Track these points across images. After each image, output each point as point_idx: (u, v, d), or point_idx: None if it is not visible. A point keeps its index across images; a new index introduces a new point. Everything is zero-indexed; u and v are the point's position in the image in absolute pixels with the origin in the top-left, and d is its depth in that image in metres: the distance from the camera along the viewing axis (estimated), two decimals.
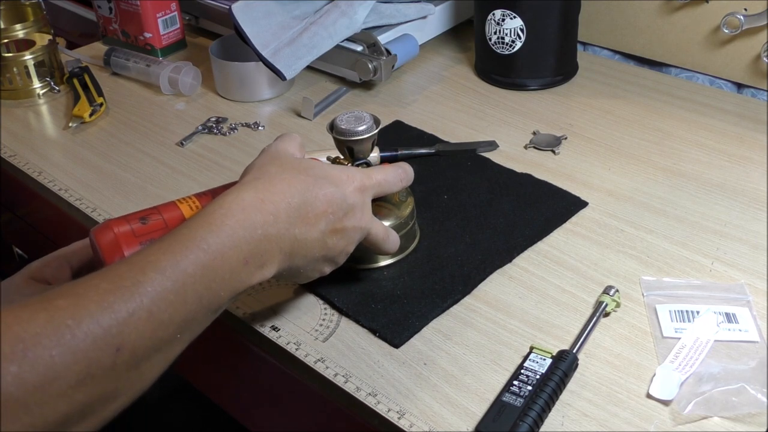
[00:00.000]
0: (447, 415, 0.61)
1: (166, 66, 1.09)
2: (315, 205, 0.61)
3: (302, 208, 0.60)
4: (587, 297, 0.71)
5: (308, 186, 0.61)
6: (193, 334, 0.56)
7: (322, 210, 0.61)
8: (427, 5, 1.12)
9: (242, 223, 0.56)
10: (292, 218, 0.59)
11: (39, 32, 1.12)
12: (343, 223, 0.63)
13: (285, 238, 0.59)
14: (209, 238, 0.55)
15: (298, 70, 1.00)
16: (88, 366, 0.47)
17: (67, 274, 0.67)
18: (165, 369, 0.55)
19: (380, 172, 0.67)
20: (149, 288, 0.51)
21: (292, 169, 0.62)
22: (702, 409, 0.59)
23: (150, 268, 0.52)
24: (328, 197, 0.61)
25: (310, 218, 0.60)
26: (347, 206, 0.63)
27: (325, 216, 0.61)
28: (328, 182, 0.62)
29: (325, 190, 0.61)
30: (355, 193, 0.64)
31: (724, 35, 1.00)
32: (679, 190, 0.84)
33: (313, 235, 0.61)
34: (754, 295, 0.70)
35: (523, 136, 0.95)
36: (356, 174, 0.65)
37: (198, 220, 0.56)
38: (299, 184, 0.60)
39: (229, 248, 0.55)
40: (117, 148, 0.98)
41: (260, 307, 0.72)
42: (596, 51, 1.14)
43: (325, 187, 0.61)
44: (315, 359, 0.66)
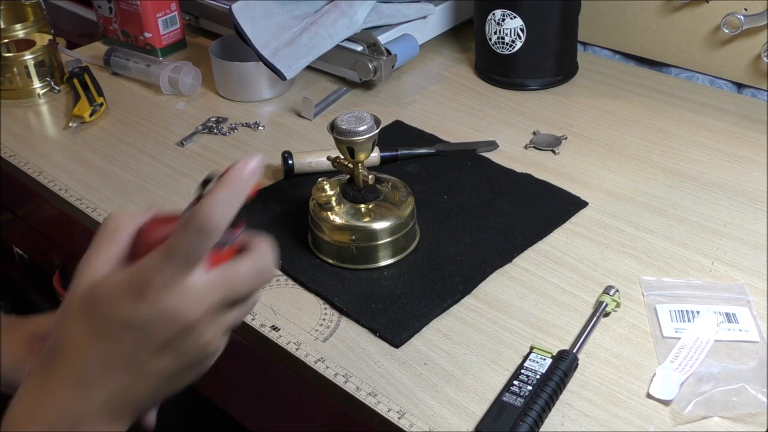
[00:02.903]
0: (447, 415, 0.61)
1: (166, 66, 1.09)
2: (107, 360, 0.50)
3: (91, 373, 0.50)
4: (587, 297, 0.71)
5: (89, 342, 0.50)
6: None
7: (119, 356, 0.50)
8: (427, 5, 1.12)
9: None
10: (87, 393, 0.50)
11: (39, 32, 1.12)
12: (158, 341, 0.50)
13: (94, 417, 0.50)
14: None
15: (298, 70, 1.00)
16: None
17: None
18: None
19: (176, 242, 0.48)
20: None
21: (74, 323, 0.51)
22: (702, 409, 0.59)
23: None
24: (117, 337, 0.49)
25: (108, 376, 0.50)
26: (147, 325, 0.49)
27: (128, 354, 0.50)
28: (113, 317, 0.49)
29: (109, 332, 0.50)
30: (156, 299, 0.49)
31: (724, 35, 1.00)
32: (679, 190, 0.84)
33: (125, 383, 0.51)
34: (754, 295, 0.70)
35: (523, 136, 0.95)
36: (149, 275, 0.49)
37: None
38: (78, 346, 0.50)
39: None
40: (117, 148, 0.98)
41: (260, 307, 0.72)
42: (596, 51, 1.14)
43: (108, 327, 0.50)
44: (315, 359, 0.66)
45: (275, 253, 0.52)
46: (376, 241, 0.74)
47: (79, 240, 0.86)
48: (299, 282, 0.74)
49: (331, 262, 0.75)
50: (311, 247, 0.77)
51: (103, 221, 0.53)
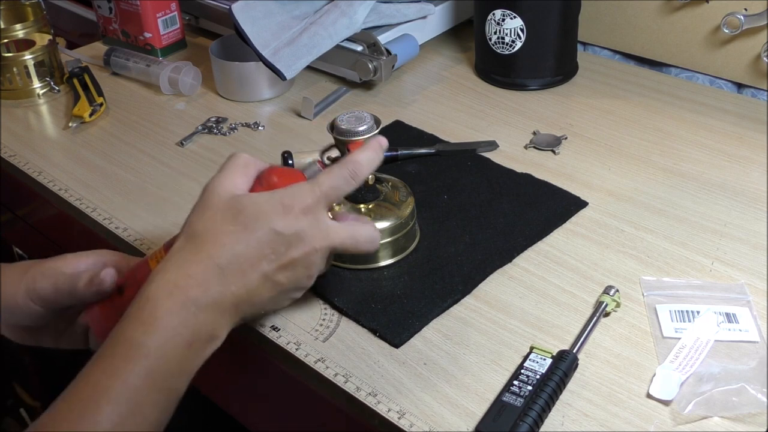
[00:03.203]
0: (447, 415, 0.61)
1: (166, 66, 1.09)
2: (248, 254, 0.58)
3: (233, 264, 0.57)
4: (587, 297, 0.71)
5: (237, 237, 0.58)
6: (163, 425, 0.56)
7: (258, 255, 0.58)
8: (427, 5, 1.12)
9: (173, 310, 0.55)
10: (224, 279, 0.57)
11: (39, 32, 1.12)
12: (289, 256, 0.59)
13: (223, 301, 0.57)
14: (147, 342, 0.54)
15: (298, 70, 1.00)
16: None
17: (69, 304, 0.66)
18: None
19: (325, 181, 0.61)
20: (107, 424, 0.51)
21: (221, 219, 0.58)
22: (702, 409, 0.59)
23: (103, 400, 0.52)
24: (263, 240, 0.58)
25: (246, 269, 0.58)
26: (289, 238, 0.58)
27: (265, 258, 0.58)
28: (261, 222, 0.58)
29: (258, 234, 0.58)
30: (298, 219, 0.59)
31: (724, 35, 1.00)
32: (679, 190, 0.84)
33: (254, 283, 0.58)
34: (754, 295, 0.70)
35: (523, 136, 0.95)
36: (296, 198, 0.59)
37: (131, 322, 0.55)
38: (226, 238, 0.58)
39: (168, 341, 0.55)
40: (117, 148, 0.98)
41: None
42: (596, 51, 1.14)
43: (257, 230, 0.58)
44: (315, 359, 0.66)
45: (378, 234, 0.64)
46: None
47: (79, 240, 0.86)
48: None
49: (332, 262, 0.75)
50: None
51: (234, 155, 0.63)
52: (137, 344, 0.54)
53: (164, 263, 0.58)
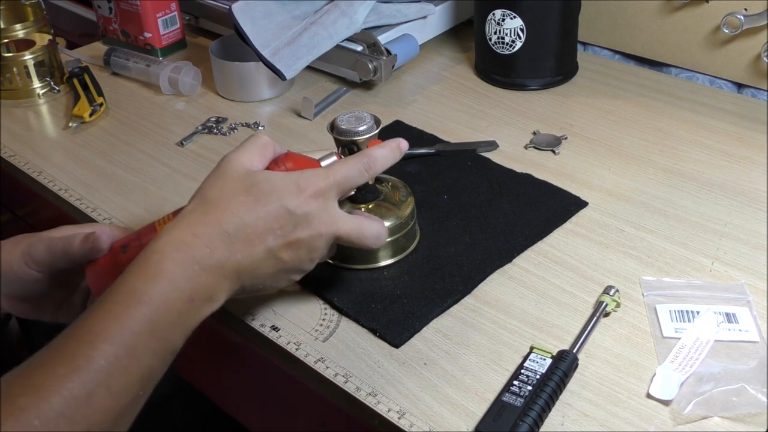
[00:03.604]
0: (447, 415, 0.61)
1: (166, 66, 1.09)
2: (256, 226, 0.59)
3: (241, 232, 0.59)
4: (587, 297, 0.71)
5: (248, 208, 0.59)
6: (155, 382, 0.56)
7: (266, 228, 0.59)
8: (427, 5, 1.12)
9: (178, 264, 0.56)
10: (230, 245, 0.58)
11: (39, 32, 1.12)
12: (295, 235, 0.61)
13: (227, 265, 0.58)
14: (149, 289, 0.55)
15: (298, 70, 1.00)
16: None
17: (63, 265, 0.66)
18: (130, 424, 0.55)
19: (340, 169, 0.63)
20: (102, 362, 0.51)
21: (233, 190, 0.60)
22: (702, 409, 0.59)
23: (99, 339, 0.52)
24: (272, 214, 0.60)
25: (252, 239, 0.59)
26: (297, 218, 0.60)
27: (271, 233, 0.60)
28: (273, 198, 0.60)
29: (268, 208, 0.60)
30: (309, 201, 0.61)
31: (724, 35, 1.00)
32: (679, 190, 0.84)
33: (258, 255, 0.60)
34: (754, 295, 0.70)
35: (523, 136, 0.95)
36: (310, 181, 0.61)
37: (135, 271, 0.56)
38: (237, 207, 0.59)
39: (171, 293, 0.55)
40: (117, 148, 0.98)
41: (260, 307, 0.72)
42: (596, 51, 1.14)
43: (268, 204, 0.60)
44: (315, 359, 0.66)
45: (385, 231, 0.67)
46: None
47: None
48: (299, 282, 0.74)
49: (332, 262, 0.75)
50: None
51: (255, 135, 0.64)
52: (139, 291, 0.55)
53: (174, 222, 0.59)
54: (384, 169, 0.67)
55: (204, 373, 0.82)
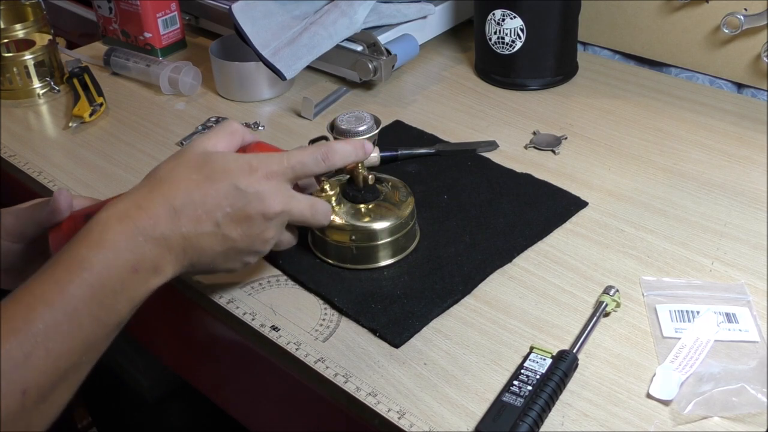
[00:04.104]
0: (447, 415, 0.61)
1: (166, 66, 1.09)
2: (205, 202, 0.60)
3: (188, 208, 0.60)
4: (587, 297, 0.71)
5: (197, 185, 0.60)
6: (99, 352, 0.56)
7: (215, 205, 0.60)
8: (427, 5, 1.12)
9: (120, 234, 0.57)
10: (175, 219, 0.59)
11: (39, 32, 1.12)
12: (245, 212, 0.61)
13: (172, 239, 0.59)
14: (91, 257, 0.55)
15: (298, 70, 1.00)
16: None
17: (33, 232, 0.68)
18: (75, 390, 0.55)
19: (296, 155, 0.65)
20: (40, 324, 0.52)
21: (185, 168, 0.61)
22: (702, 409, 0.59)
23: (38, 302, 0.53)
24: (222, 192, 0.61)
25: (200, 215, 0.60)
26: (248, 196, 0.61)
27: (220, 209, 0.61)
28: (224, 176, 0.61)
29: (218, 186, 0.61)
30: (261, 181, 0.62)
31: (724, 35, 1.00)
32: (679, 190, 0.84)
33: (205, 230, 0.60)
34: (754, 295, 0.70)
35: (523, 136, 0.95)
36: (263, 162, 0.63)
37: (79, 240, 0.57)
38: (186, 184, 0.60)
39: (113, 260, 0.56)
40: (117, 148, 0.98)
41: (260, 307, 0.72)
42: (596, 51, 1.14)
43: (219, 182, 0.61)
44: (315, 359, 0.66)
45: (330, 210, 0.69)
46: (376, 241, 0.74)
47: None
48: (299, 282, 0.74)
49: (332, 262, 0.75)
50: (311, 247, 0.77)
51: (226, 121, 0.67)
52: (81, 258, 0.55)
53: (120, 197, 0.61)
54: (343, 164, 0.68)
55: (204, 373, 0.82)
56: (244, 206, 0.61)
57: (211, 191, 0.60)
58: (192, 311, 0.75)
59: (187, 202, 0.60)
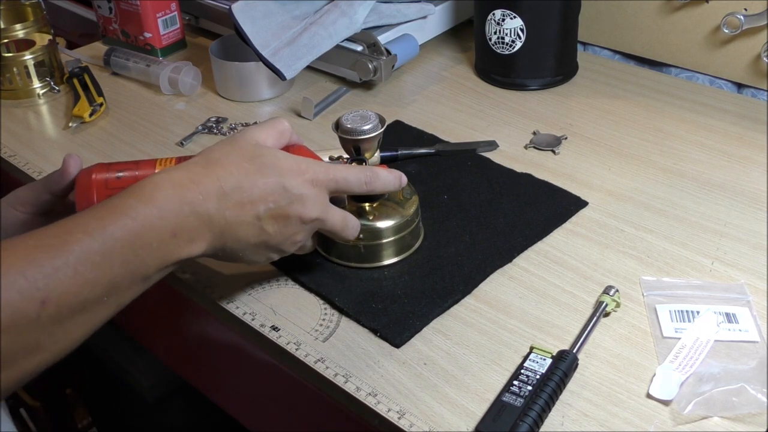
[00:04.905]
0: (447, 415, 0.61)
1: (166, 66, 1.09)
2: (252, 192, 0.62)
3: (236, 193, 0.61)
4: (587, 297, 0.71)
5: (247, 174, 0.62)
6: (120, 300, 0.57)
7: (260, 196, 0.62)
8: (427, 5, 1.12)
9: (170, 198, 0.59)
10: (223, 201, 0.61)
11: (39, 32, 1.12)
12: (286, 211, 0.63)
13: (215, 218, 0.60)
14: (138, 207, 0.57)
15: (298, 70, 1.00)
16: (12, 314, 0.50)
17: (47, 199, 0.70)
18: (90, 332, 0.56)
19: (342, 171, 0.67)
20: (75, 247, 0.53)
21: (239, 156, 0.63)
22: (702, 409, 0.59)
23: (78, 229, 0.55)
24: (270, 186, 0.62)
25: (245, 203, 0.61)
26: (292, 196, 0.63)
27: (264, 202, 0.62)
28: (274, 172, 0.63)
29: (267, 180, 0.62)
30: (305, 185, 0.64)
31: (724, 35, 1.00)
32: (679, 190, 0.84)
33: (246, 219, 0.62)
34: (754, 295, 0.70)
35: (523, 136, 0.95)
36: (311, 167, 0.65)
37: (130, 192, 0.59)
38: (237, 170, 0.62)
39: (156, 218, 0.57)
40: (117, 148, 0.98)
41: (260, 307, 0.72)
42: (596, 51, 1.14)
43: (268, 176, 0.62)
44: (315, 359, 0.66)
45: None
46: (383, 239, 0.74)
47: None
48: (299, 282, 0.74)
49: (341, 262, 0.75)
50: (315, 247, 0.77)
51: (277, 119, 0.68)
52: (128, 206, 0.57)
53: (176, 166, 0.62)
54: (382, 191, 0.71)
55: (204, 373, 0.82)
56: (286, 205, 0.63)
57: (259, 183, 0.62)
58: (192, 311, 0.75)
59: (236, 187, 0.61)
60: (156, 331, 0.87)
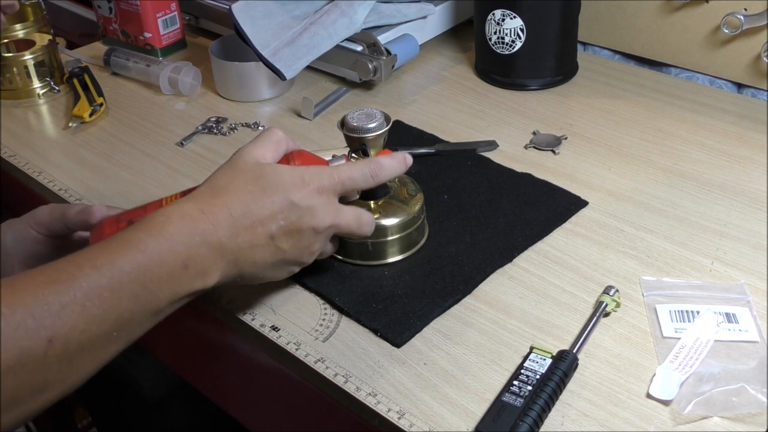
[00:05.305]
0: (447, 415, 0.61)
1: (166, 66, 1.09)
2: (261, 213, 0.62)
3: (245, 218, 0.61)
4: (587, 297, 0.71)
5: (254, 196, 0.62)
6: (131, 335, 0.57)
7: (269, 216, 0.62)
8: (427, 5, 1.12)
9: (180, 230, 0.58)
10: (234, 228, 0.61)
11: (39, 32, 1.12)
12: (297, 225, 0.63)
13: (227, 246, 0.60)
14: (147, 241, 0.57)
15: (298, 70, 1.00)
16: (19, 354, 0.49)
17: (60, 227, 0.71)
18: (98, 368, 0.56)
19: (346, 171, 0.66)
20: (83, 283, 0.53)
21: (243, 179, 0.63)
22: (702, 409, 0.59)
23: (87, 264, 0.54)
24: (277, 204, 0.62)
25: (255, 226, 0.61)
26: (301, 210, 0.63)
27: (274, 221, 0.62)
28: (279, 189, 0.63)
29: (273, 198, 0.62)
30: (312, 195, 0.64)
31: (724, 35, 1.00)
32: (679, 190, 0.84)
33: (259, 241, 0.62)
34: (754, 295, 0.70)
35: (523, 136, 0.95)
36: (315, 176, 0.64)
37: (139, 226, 0.58)
38: (243, 195, 0.62)
39: (166, 251, 0.57)
40: (117, 148, 0.98)
41: (260, 307, 0.72)
42: (596, 51, 1.14)
43: (274, 194, 0.62)
44: (315, 359, 0.66)
45: None
46: (389, 237, 0.74)
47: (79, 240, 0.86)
48: (299, 282, 0.74)
49: (347, 260, 0.75)
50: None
51: (270, 130, 0.68)
52: (137, 239, 0.57)
53: (183, 198, 0.62)
54: (389, 178, 0.70)
55: (204, 373, 0.82)
56: (296, 220, 0.63)
57: (267, 203, 0.62)
58: (192, 311, 0.75)
59: (246, 212, 0.61)
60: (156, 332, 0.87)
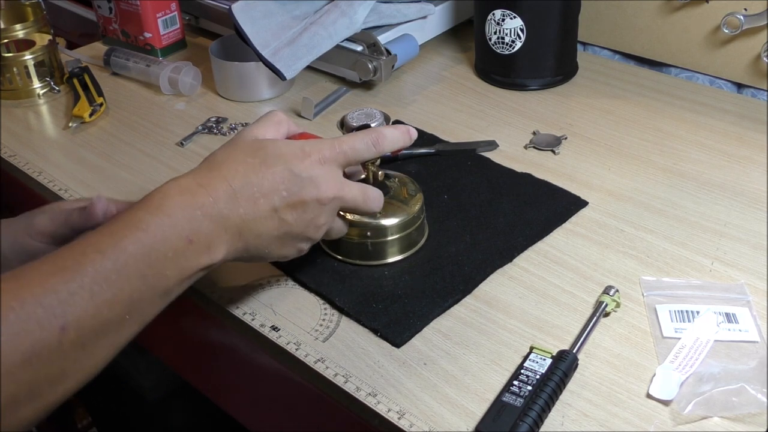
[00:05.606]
0: (447, 415, 0.61)
1: (166, 66, 1.09)
2: (261, 185, 0.61)
3: (246, 189, 0.60)
4: (587, 297, 0.71)
5: (254, 168, 0.61)
6: (143, 317, 0.57)
7: (270, 188, 0.61)
8: (427, 5, 1.12)
9: (180, 205, 0.58)
10: (234, 199, 0.60)
11: (39, 32, 1.12)
12: (300, 197, 0.62)
13: (229, 218, 0.60)
14: (148, 219, 0.56)
15: (298, 70, 1.00)
16: (33, 345, 0.49)
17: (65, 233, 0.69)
18: (114, 353, 0.56)
19: (348, 141, 0.65)
20: (89, 268, 0.53)
21: (241, 153, 0.62)
22: (702, 409, 0.59)
23: (91, 249, 0.54)
24: (278, 176, 0.61)
25: (257, 197, 0.61)
26: (303, 180, 0.62)
27: (276, 193, 0.61)
28: (279, 161, 0.62)
29: (274, 169, 0.61)
30: (314, 166, 0.63)
31: (724, 35, 1.00)
32: (679, 190, 0.84)
33: (262, 213, 0.61)
34: (754, 295, 0.70)
35: (523, 136, 0.95)
36: (315, 147, 0.63)
37: (139, 205, 0.58)
38: (242, 167, 0.61)
39: (168, 228, 0.57)
40: (117, 148, 0.98)
41: (260, 307, 0.72)
42: (596, 51, 1.14)
43: (274, 166, 0.62)
44: (315, 359, 0.66)
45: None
46: (389, 237, 0.74)
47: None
48: (299, 282, 0.74)
49: (346, 260, 0.75)
50: (320, 244, 0.77)
51: (271, 112, 0.67)
52: (138, 219, 0.56)
53: (181, 175, 0.61)
54: (392, 149, 0.68)
55: (204, 373, 0.82)
56: (299, 191, 0.62)
57: (267, 175, 0.61)
58: (192, 311, 0.75)
59: (246, 183, 0.60)
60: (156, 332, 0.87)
